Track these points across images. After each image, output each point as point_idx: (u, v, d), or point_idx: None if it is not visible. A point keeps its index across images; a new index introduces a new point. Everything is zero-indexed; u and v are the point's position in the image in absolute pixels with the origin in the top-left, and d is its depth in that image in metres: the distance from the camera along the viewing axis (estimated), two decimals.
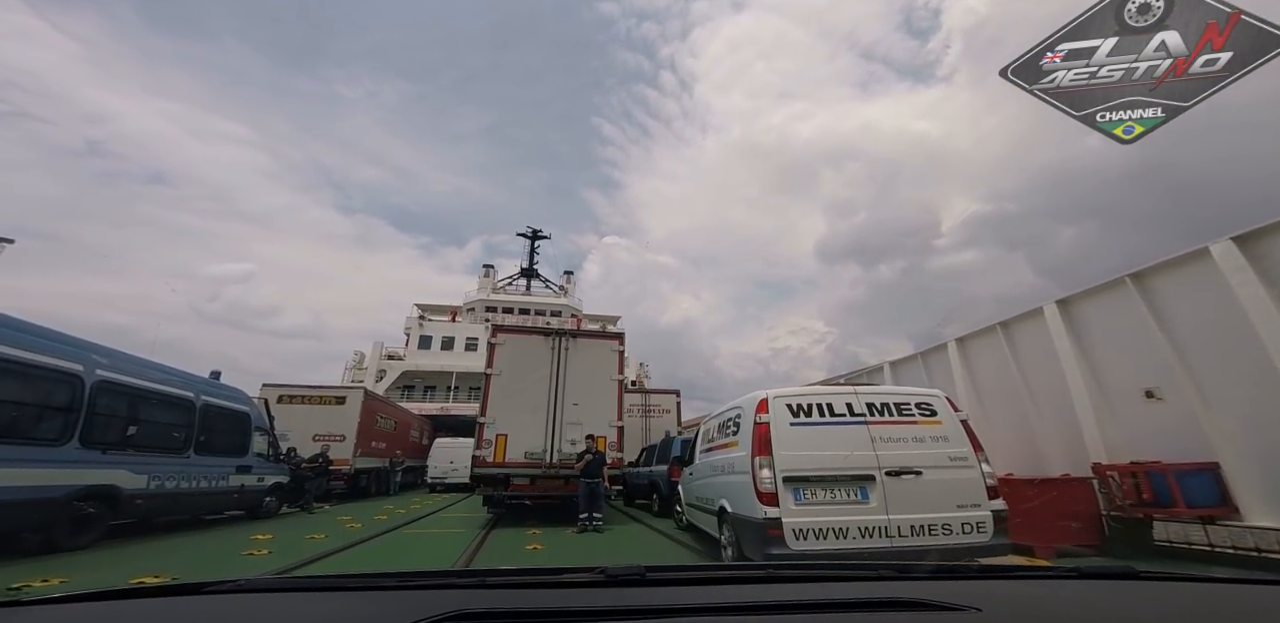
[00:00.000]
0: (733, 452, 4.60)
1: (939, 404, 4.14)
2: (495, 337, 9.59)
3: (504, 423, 8.94)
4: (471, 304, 39.49)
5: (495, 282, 42.46)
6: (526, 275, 43.83)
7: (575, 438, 9.07)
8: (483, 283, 41.68)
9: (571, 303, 41.07)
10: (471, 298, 40.05)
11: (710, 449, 5.75)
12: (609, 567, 1.01)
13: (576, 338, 9.93)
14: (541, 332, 9.95)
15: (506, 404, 9.08)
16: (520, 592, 1.00)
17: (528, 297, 41.64)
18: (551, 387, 9.36)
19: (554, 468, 8.82)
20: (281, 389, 15.39)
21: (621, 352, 9.97)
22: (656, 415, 17.11)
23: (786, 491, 3.70)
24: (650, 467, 11.20)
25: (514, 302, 40.12)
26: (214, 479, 8.12)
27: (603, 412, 9.38)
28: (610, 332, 10.24)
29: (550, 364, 9.55)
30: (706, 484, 5.66)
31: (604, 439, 9.15)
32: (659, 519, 9.83)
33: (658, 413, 17.17)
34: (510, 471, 8.72)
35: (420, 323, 34.40)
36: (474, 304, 39.33)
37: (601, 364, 9.76)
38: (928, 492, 3.72)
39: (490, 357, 9.41)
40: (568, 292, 43.65)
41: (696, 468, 6.43)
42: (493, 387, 9.18)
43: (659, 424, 16.69)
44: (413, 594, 0.93)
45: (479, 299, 39.52)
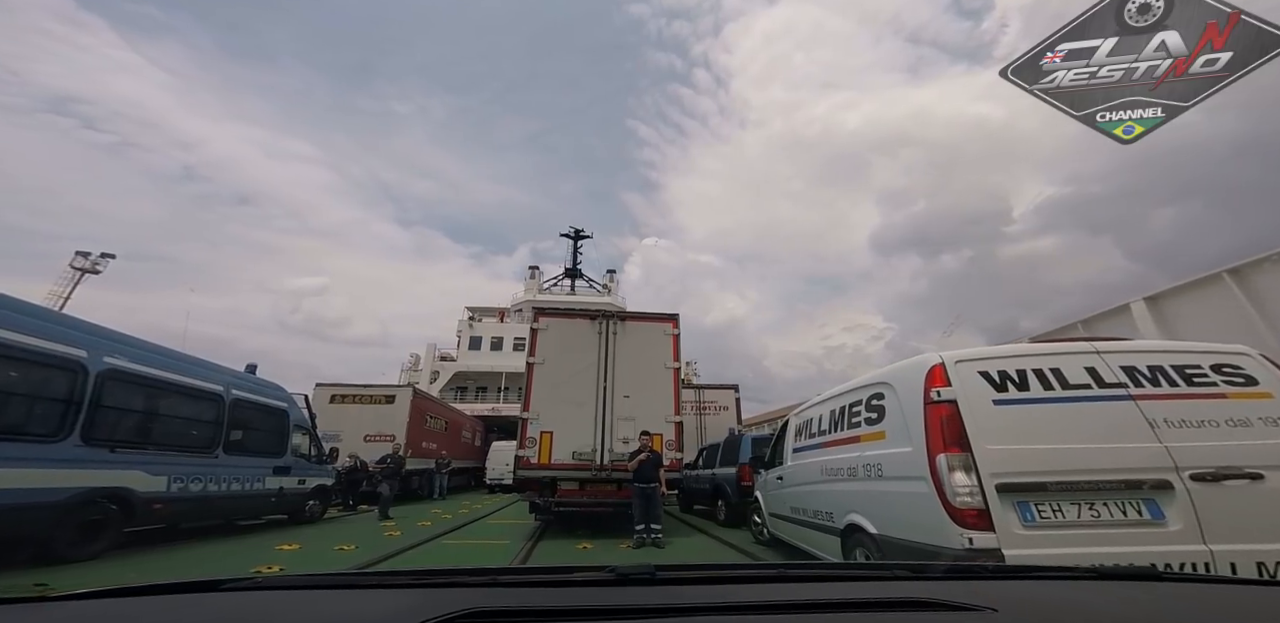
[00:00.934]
0: (873, 447, 3.34)
1: (1255, 367, 2.62)
2: (537, 321, 8.63)
3: (549, 419, 7.94)
4: (519, 305, 39.61)
5: (541, 283, 42.53)
6: (570, 276, 43.69)
7: (628, 436, 7.94)
8: (529, 285, 41.83)
9: (615, 301, 40.37)
10: (519, 299, 40.21)
11: (815, 447, 4.46)
12: (619, 566, 1.00)
13: (625, 321, 8.82)
14: (587, 314, 8.92)
15: (551, 397, 8.08)
16: (531, 591, 0.98)
17: (572, 296, 41.43)
18: (600, 377, 8.29)
19: (605, 470, 7.73)
20: (333, 389, 15.28)
21: (676, 336, 8.77)
22: (713, 413, 15.74)
23: (1005, 506, 2.42)
24: (713, 469, 9.93)
25: (559, 302, 39.84)
26: (247, 481, 7.61)
27: (657, 405, 8.20)
28: (662, 313, 9.06)
29: (597, 351, 8.48)
30: (812, 493, 4.38)
31: (659, 437, 7.98)
32: (727, 530, 8.54)
33: (714, 410, 15.80)
34: (557, 473, 7.70)
35: (470, 324, 34.66)
36: (521, 305, 39.41)
37: (654, 350, 8.60)
38: (1277, 507, 2.30)
39: (532, 343, 8.46)
40: (611, 290, 43.11)
41: (790, 472, 5.13)
42: (535, 378, 8.22)
43: (716, 422, 15.31)
44: (426, 592, 0.95)
45: (526, 300, 39.54)
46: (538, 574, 1.08)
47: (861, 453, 3.48)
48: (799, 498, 4.79)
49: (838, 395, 4.16)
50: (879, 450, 3.23)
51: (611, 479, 7.75)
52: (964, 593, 0.86)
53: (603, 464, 7.76)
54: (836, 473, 3.81)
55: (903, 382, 3.06)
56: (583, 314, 8.93)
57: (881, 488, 3.15)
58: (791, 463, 5.19)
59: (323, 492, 9.75)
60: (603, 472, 7.73)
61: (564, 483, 7.79)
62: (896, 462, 2.97)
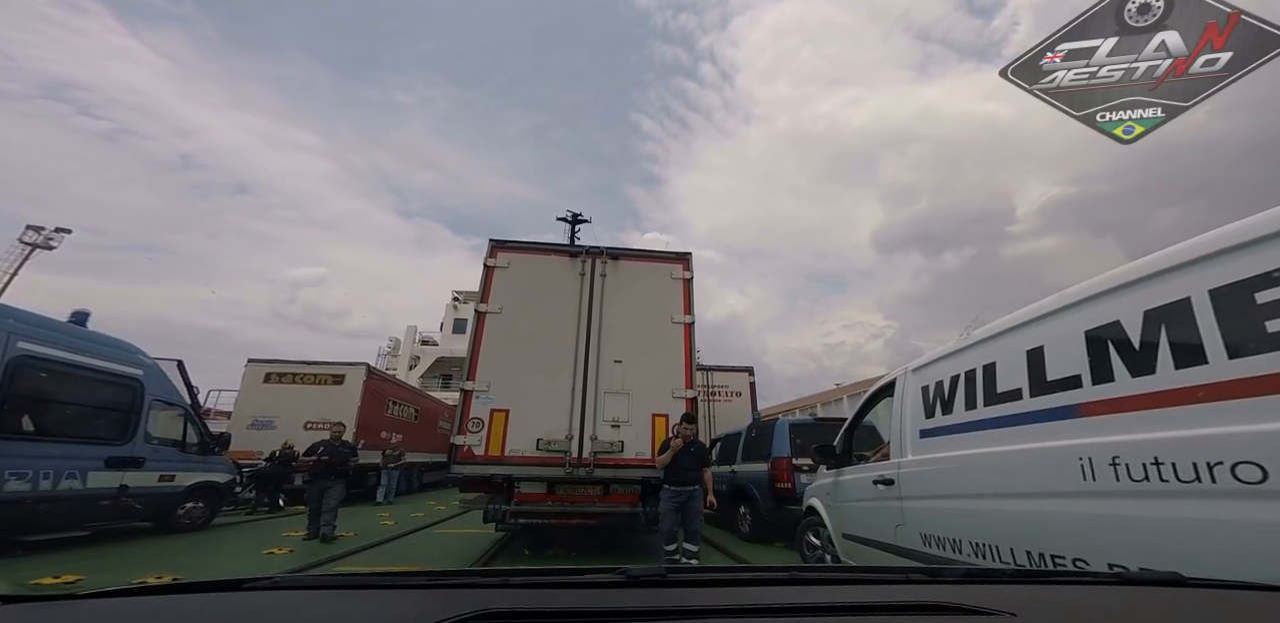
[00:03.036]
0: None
1: None
2: (494, 256, 6.12)
3: (505, 392, 5.46)
4: None
5: None
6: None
7: (618, 417, 5.48)
8: None
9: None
10: None
11: (1043, 417, 1.96)
12: (631, 567, 0.98)
13: (618, 260, 6.31)
14: (566, 250, 6.40)
15: (509, 362, 5.60)
16: (543, 592, 0.96)
17: None
18: (580, 334, 5.80)
19: (585, 467, 5.26)
20: (268, 366, 12.75)
21: (688, 281, 6.28)
22: (723, 399, 13.26)
23: None
24: (732, 466, 7.48)
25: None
26: (53, 478, 5.11)
27: (662, 374, 5.72)
28: (668, 251, 6.57)
29: (579, 299, 5.99)
30: (1046, 515, 1.88)
31: (663, 419, 5.52)
32: (753, 547, 6.12)
33: (725, 396, 13.32)
34: (514, 470, 5.22)
35: (455, 307, 32.05)
36: None
37: (657, 299, 6.10)
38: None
39: (485, 285, 5.95)
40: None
41: (935, 471, 2.66)
42: (487, 333, 5.72)
43: (728, 411, 12.85)
44: (439, 593, 0.95)
45: None
46: (550, 575, 1.06)
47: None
48: (932, 517, 2.47)
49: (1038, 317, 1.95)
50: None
51: (594, 479, 5.30)
52: (981, 597, 0.84)
53: (582, 458, 5.29)
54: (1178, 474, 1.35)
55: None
56: (560, 250, 6.42)
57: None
58: (914, 460, 2.76)
59: (209, 492, 7.24)
60: (581, 468, 5.26)
61: (525, 485, 5.32)
62: None
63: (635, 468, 5.30)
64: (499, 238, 6.28)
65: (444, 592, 0.95)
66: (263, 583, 0.94)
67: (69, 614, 0.80)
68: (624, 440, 5.38)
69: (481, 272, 6.07)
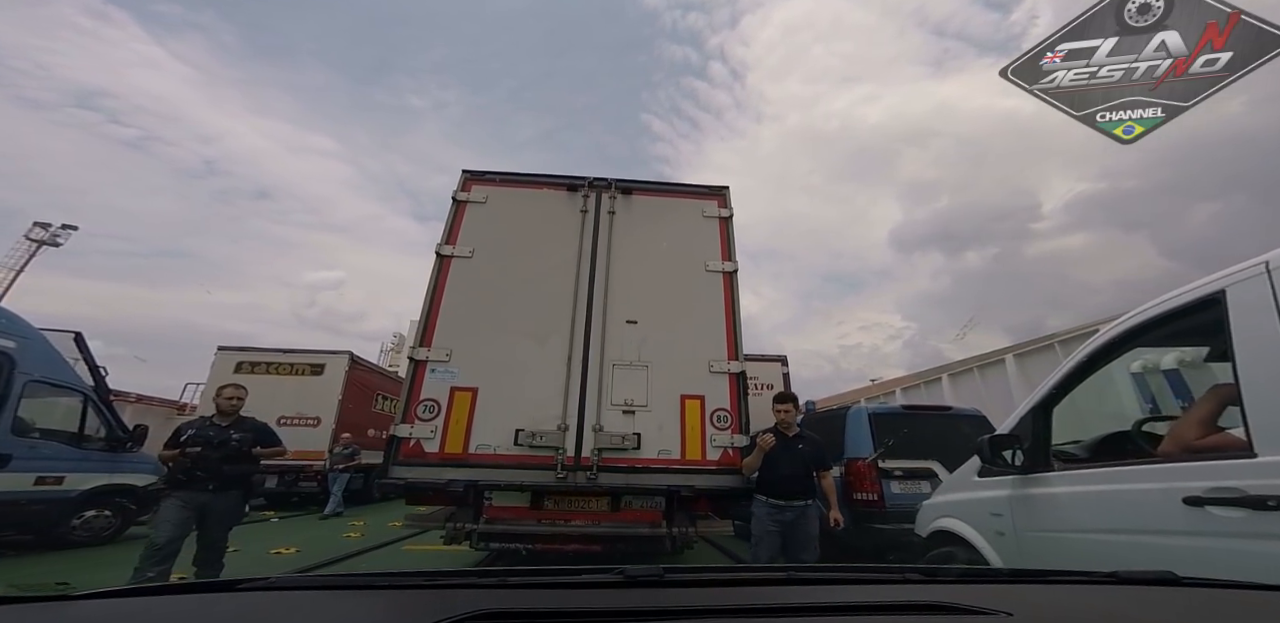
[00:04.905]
0: None
1: None
2: (466, 190, 4.57)
3: (470, 363, 3.87)
4: None
5: None
6: None
7: (633, 398, 3.85)
8: None
9: None
10: None
11: None
12: (628, 568, 0.96)
13: (631, 195, 4.70)
14: (562, 182, 4.79)
15: (479, 322, 4.02)
16: (540, 592, 0.96)
17: None
18: (581, 288, 4.19)
19: (587, 469, 3.63)
20: (240, 354, 11.38)
21: (727, 220, 4.64)
22: (754, 392, 11.45)
23: None
24: None
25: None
26: None
27: (693, 341, 4.09)
28: (698, 185, 4.93)
29: (578, 244, 4.39)
30: None
31: (696, 403, 3.87)
32: None
33: (756, 388, 11.54)
34: (483, 473, 3.59)
35: None
36: None
37: (686, 243, 4.49)
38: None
39: (453, 225, 4.40)
40: None
41: None
42: (451, 284, 4.15)
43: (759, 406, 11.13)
44: (437, 593, 0.94)
45: None
46: (547, 576, 1.04)
47: None
48: None
49: None
50: None
51: (598, 488, 3.65)
52: (977, 597, 0.83)
53: (581, 458, 3.66)
54: None
55: None
56: (555, 182, 4.81)
57: None
58: None
59: (121, 497, 5.79)
60: (581, 472, 3.63)
61: (499, 496, 3.69)
62: None
63: (657, 473, 3.67)
64: (473, 169, 4.73)
65: (441, 592, 0.94)
66: (259, 583, 0.92)
67: (61, 615, 0.81)
68: (641, 433, 3.74)
69: (450, 208, 4.51)
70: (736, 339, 4.09)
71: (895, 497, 4.00)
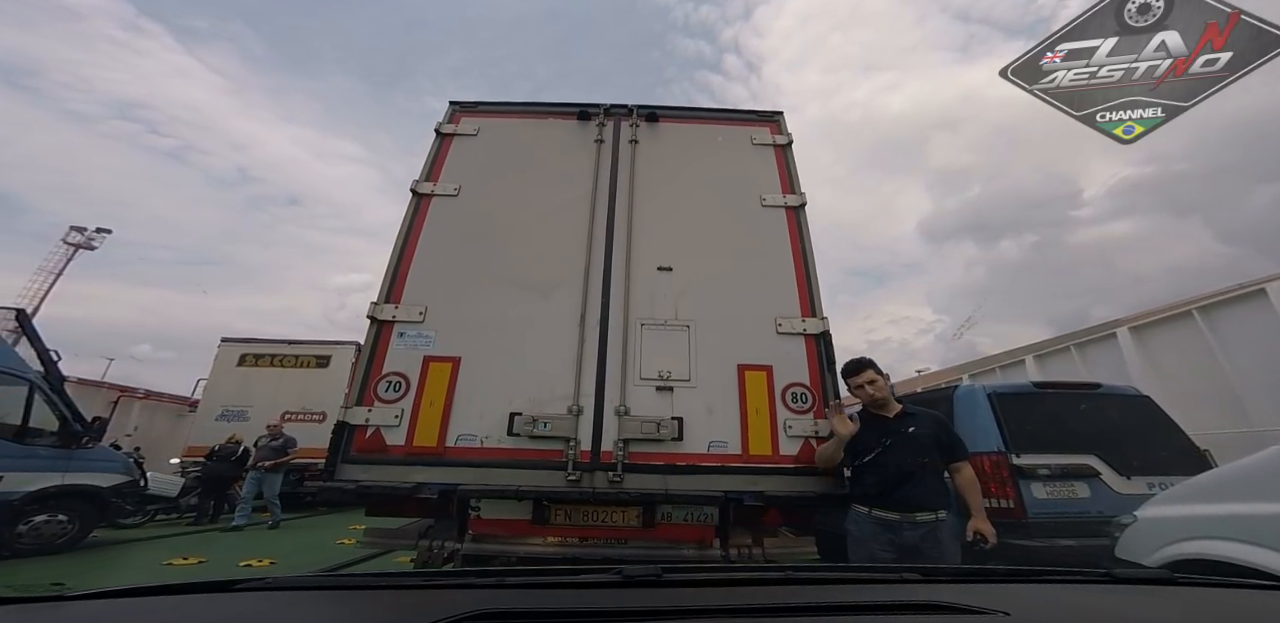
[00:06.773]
0: None
1: None
2: (455, 122, 3.62)
3: (451, 325, 2.89)
4: None
5: None
6: None
7: (669, 370, 2.79)
8: None
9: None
10: None
11: None
12: (626, 567, 0.96)
13: (658, 122, 3.66)
14: (571, 111, 3.75)
15: (463, 271, 3.04)
16: (537, 592, 0.95)
17: None
18: (598, 227, 3.17)
19: (608, 469, 2.59)
20: (243, 346, 10.82)
21: (785, 147, 3.56)
22: None
23: None
24: None
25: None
26: None
27: (751, 294, 3.01)
28: (742, 110, 3.86)
29: (593, 178, 3.38)
30: None
31: (760, 377, 2.79)
32: None
33: None
34: (466, 474, 2.60)
35: None
36: None
37: (733, 174, 3.46)
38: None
39: (436, 160, 3.45)
40: None
41: None
42: (429, 227, 3.18)
43: None
44: (435, 593, 0.94)
45: None
46: (545, 576, 1.05)
47: None
48: None
49: None
50: None
51: (624, 496, 2.59)
52: (974, 596, 0.83)
53: (600, 452, 2.63)
54: None
55: None
56: (562, 111, 3.79)
57: None
58: None
59: (80, 499, 5.04)
60: (600, 473, 2.60)
61: (489, 505, 2.68)
62: None
63: (708, 474, 2.61)
64: (463, 101, 3.78)
65: (439, 592, 0.94)
66: (255, 584, 0.91)
67: (55, 616, 0.80)
68: (683, 418, 2.69)
69: (433, 142, 3.56)
70: (812, 290, 2.99)
71: (1039, 504, 2.86)
